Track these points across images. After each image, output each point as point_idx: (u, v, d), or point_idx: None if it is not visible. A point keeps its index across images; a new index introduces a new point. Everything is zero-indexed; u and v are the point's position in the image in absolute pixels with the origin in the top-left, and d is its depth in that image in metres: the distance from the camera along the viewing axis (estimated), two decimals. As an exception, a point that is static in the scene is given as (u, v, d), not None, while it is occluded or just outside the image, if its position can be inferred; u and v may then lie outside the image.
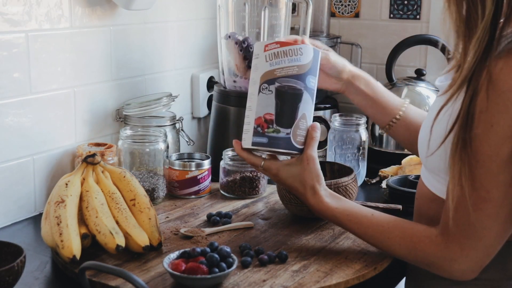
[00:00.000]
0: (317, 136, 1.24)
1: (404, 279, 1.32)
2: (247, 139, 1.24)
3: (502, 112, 0.98)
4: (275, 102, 1.22)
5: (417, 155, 1.36)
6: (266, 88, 1.22)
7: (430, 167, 1.16)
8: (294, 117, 1.22)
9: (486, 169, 1.01)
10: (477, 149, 1.01)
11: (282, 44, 1.23)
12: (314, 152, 1.23)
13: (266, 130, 1.22)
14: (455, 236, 1.06)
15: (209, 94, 1.95)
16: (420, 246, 1.11)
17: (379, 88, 1.41)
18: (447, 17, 1.04)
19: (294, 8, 2.24)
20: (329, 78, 1.38)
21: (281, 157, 1.29)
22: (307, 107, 1.24)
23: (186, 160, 1.61)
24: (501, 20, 1.00)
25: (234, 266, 1.13)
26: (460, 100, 1.03)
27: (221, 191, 1.60)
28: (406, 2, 2.14)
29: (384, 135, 1.99)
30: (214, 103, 1.77)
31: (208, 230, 1.35)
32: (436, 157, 1.10)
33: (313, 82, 1.25)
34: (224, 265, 1.11)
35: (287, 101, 1.22)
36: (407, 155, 1.86)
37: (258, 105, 1.23)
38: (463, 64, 1.02)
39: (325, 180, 1.26)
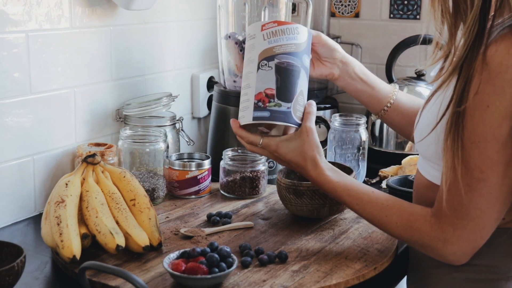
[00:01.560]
0: (314, 111, 1.26)
1: (404, 279, 1.32)
2: (247, 115, 1.25)
3: (498, 94, 1.00)
4: (276, 77, 1.24)
5: (411, 140, 1.40)
6: (266, 64, 1.25)
7: (424, 154, 1.18)
8: (293, 92, 1.25)
9: (481, 150, 1.02)
10: (473, 130, 1.02)
11: (280, 23, 1.27)
12: (312, 124, 1.25)
13: (267, 104, 1.24)
14: (448, 217, 1.08)
15: (209, 94, 1.95)
16: (416, 225, 1.12)
17: (372, 75, 1.43)
18: (432, 8, 1.07)
19: (294, 8, 2.24)
20: (322, 61, 1.39)
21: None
22: (303, 84, 1.27)
23: (186, 160, 1.61)
24: (492, 13, 1.03)
25: (234, 266, 1.13)
26: (451, 87, 1.05)
27: (221, 191, 1.60)
28: (406, 2, 2.15)
29: (384, 135, 1.99)
30: (214, 103, 1.77)
31: (208, 230, 1.35)
32: (429, 143, 1.12)
33: (307, 61, 1.29)
34: (224, 265, 1.11)
35: (287, 76, 1.25)
36: (407, 155, 1.86)
37: (258, 81, 1.25)
38: (453, 52, 1.05)
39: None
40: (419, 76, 2.02)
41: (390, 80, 2.02)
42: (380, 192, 1.21)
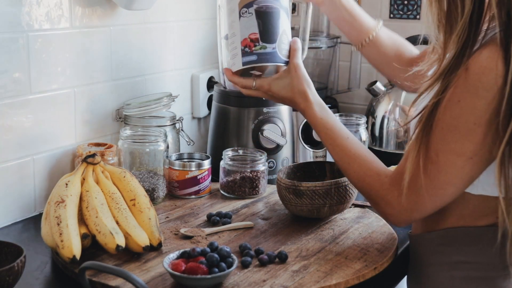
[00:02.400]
0: (299, 47, 1.34)
1: (404, 279, 1.32)
2: (237, 62, 1.33)
3: (471, 92, 1.05)
4: (257, 22, 1.32)
5: (386, 75, 1.57)
6: (246, 11, 1.32)
7: None
8: (276, 33, 1.32)
9: (442, 135, 1.09)
10: (440, 118, 1.09)
11: None
12: (299, 60, 1.33)
13: (253, 48, 1.32)
14: (397, 183, 1.15)
15: (209, 94, 1.95)
16: (369, 180, 1.21)
17: (357, 7, 1.49)
18: (429, 14, 1.12)
19: (294, 8, 2.24)
20: None
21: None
22: (285, 23, 1.34)
23: (186, 160, 1.61)
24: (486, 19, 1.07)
25: (234, 266, 1.13)
26: (433, 91, 1.11)
27: (221, 191, 1.60)
28: (406, 2, 2.14)
29: (384, 135, 1.99)
30: (214, 103, 1.77)
31: (208, 230, 1.35)
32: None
33: (286, 2, 1.35)
34: (224, 265, 1.11)
35: (267, 19, 1.32)
36: (407, 155, 1.86)
37: (242, 28, 1.32)
38: (443, 58, 1.09)
39: (325, 180, 1.27)
40: (419, 76, 2.02)
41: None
42: (356, 141, 1.28)
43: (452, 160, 1.08)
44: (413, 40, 2.00)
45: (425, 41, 1.89)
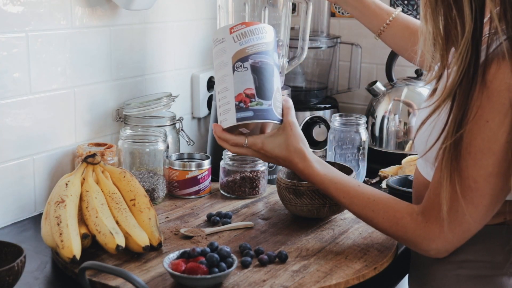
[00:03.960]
0: (292, 105, 1.30)
1: (404, 279, 1.32)
2: (230, 118, 1.27)
3: (498, 110, 1.02)
4: (253, 77, 1.27)
5: (409, 60, 1.54)
6: (241, 66, 1.27)
7: (420, 153, 1.20)
8: (272, 89, 1.28)
9: (476, 161, 1.05)
10: (470, 142, 1.05)
11: (247, 24, 1.29)
12: (294, 118, 1.28)
13: (249, 104, 1.26)
14: (434, 218, 1.11)
15: (209, 94, 1.95)
16: (402, 222, 1.15)
17: None
18: (424, 32, 1.09)
19: (294, 8, 2.24)
20: None
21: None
22: (278, 81, 1.31)
23: (186, 160, 1.61)
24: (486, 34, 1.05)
25: (234, 266, 1.13)
26: (445, 111, 1.07)
27: (221, 191, 1.60)
28: (406, 2, 2.14)
29: (384, 135, 1.99)
30: (214, 103, 1.77)
31: (208, 230, 1.35)
32: (423, 145, 1.15)
33: (277, 58, 1.32)
34: (224, 265, 1.11)
35: (263, 75, 1.27)
36: (407, 155, 1.86)
37: (236, 83, 1.27)
38: (445, 76, 1.06)
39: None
40: (419, 76, 2.02)
41: (390, 80, 2.02)
42: (366, 186, 1.24)
43: (494, 183, 1.06)
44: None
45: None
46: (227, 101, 1.27)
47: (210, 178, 1.60)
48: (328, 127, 1.89)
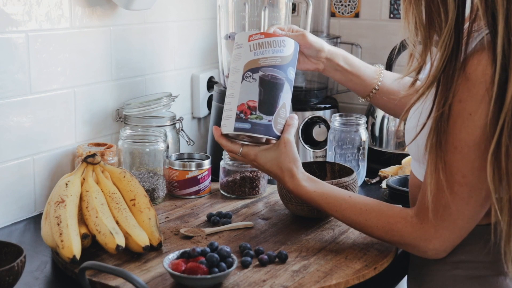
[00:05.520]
0: (295, 124, 1.29)
1: (404, 279, 1.32)
2: (229, 125, 1.27)
3: (480, 102, 1.03)
4: (259, 90, 1.26)
5: (398, 117, 1.49)
6: (250, 76, 1.26)
7: (414, 156, 1.20)
8: (276, 105, 1.27)
9: (463, 155, 1.06)
10: (455, 136, 1.06)
11: (267, 35, 1.28)
12: (291, 136, 1.27)
13: (249, 116, 1.26)
14: (430, 217, 1.11)
15: (209, 94, 1.95)
16: (397, 227, 1.16)
17: (356, 62, 1.46)
18: (408, 20, 1.10)
19: (294, 8, 2.24)
20: (308, 58, 1.41)
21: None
22: (287, 97, 1.29)
23: (186, 160, 1.61)
24: (467, 24, 1.06)
25: (234, 266, 1.13)
26: (429, 98, 1.08)
27: (221, 191, 1.60)
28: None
29: (384, 135, 1.99)
30: (214, 103, 1.77)
31: (208, 230, 1.35)
32: (414, 146, 1.16)
33: (292, 74, 1.30)
34: (224, 265, 1.11)
35: (270, 90, 1.26)
36: (407, 155, 1.86)
37: (241, 92, 1.27)
38: (429, 64, 1.07)
39: (325, 180, 1.26)
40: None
41: (390, 80, 2.02)
42: (358, 196, 1.24)
43: (483, 176, 1.05)
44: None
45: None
46: (230, 108, 1.28)
47: (210, 178, 1.60)
48: (328, 127, 1.89)
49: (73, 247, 1.15)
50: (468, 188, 1.07)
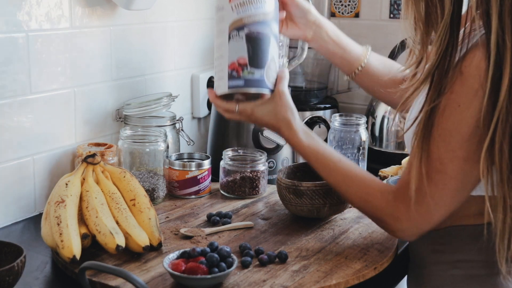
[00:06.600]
0: (287, 76, 1.31)
1: (404, 279, 1.32)
2: (222, 85, 1.29)
3: (470, 95, 1.04)
4: (247, 47, 1.28)
5: (381, 99, 1.52)
6: (236, 35, 1.28)
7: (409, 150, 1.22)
8: (265, 60, 1.29)
9: (445, 143, 1.08)
10: (441, 125, 1.08)
11: None
12: (285, 88, 1.30)
13: (241, 73, 1.28)
14: (403, 197, 1.13)
15: (209, 94, 1.95)
16: (373, 199, 1.19)
17: (344, 37, 1.46)
18: (406, 16, 1.13)
19: (294, 8, 2.23)
20: (296, 23, 1.42)
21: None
22: (274, 51, 1.31)
23: (186, 160, 1.61)
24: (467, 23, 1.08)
25: (234, 266, 1.13)
26: (423, 93, 1.10)
27: (221, 191, 1.60)
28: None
29: (384, 135, 1.99)
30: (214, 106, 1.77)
31: (208, 230, 1.35)
32: (408, 139, 1.18)
33: (276, 28, 1.32)
34: (224, 265, 1.11)
35: (257, 45, 1.28)
36: (407, 155, 1.86)
37: (230, 51, 1.29)
38: (425, 59, 1.10)
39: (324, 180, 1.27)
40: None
41: (390, 80, 2.02)
42: (348, 162, 1.26)
43: (460, 166, 1.07)
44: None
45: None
46: (221, 69, 1.30)
47: (210, 178, 1.60)
48: (328, 127, 1.89)
49: (73, 247, 1.15)
50: (445, 177, 1.09)
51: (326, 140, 1.80)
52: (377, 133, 2.00)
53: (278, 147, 1.71)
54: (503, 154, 1.03)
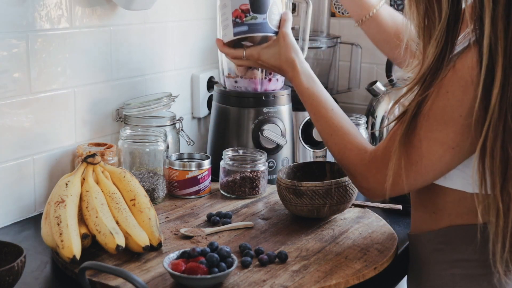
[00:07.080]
0: (290, 18, 1.38)
1: (404, 279, 1.32)
2: (228, 33, 1.36)
3: (459, 85, 1.06)
4: None
5: (385, 53, 1.56)
6: None
7: None
8: (267, 4, 1.35)
9: (428, 124, 1.10)
10: (429, 106, 1.10)
11: None
12: (288, 29, 1.36)
13: (244, 19, 1.34)
14: (378, 161, 1.18)
15: (209, 94, 1.95)
16: (349, 153, 1.24)
17: None
18: (409, 19, 1.14)
19: (294, 8, 2.23)
20: None
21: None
22: None
23: (186, 160, 1.61)
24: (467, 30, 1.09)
25: (234, 266, 1.13)
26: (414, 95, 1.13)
27: (221, 191, 1.60)
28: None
29: (384, 135, 1.98)
30: (214, 103, 1.77)
31: (208, 230, 1.35)
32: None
33: None
34: (224, 265, 1.11)
35: None
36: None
37: (233, 0, 1.35)
38: (421, 62, 1.12)
39: (325, 180, 1.27)
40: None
41: (390, 80, 2.02)
42: (341, 114, 1.29)
43: (435, 148, 1.10)
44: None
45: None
46: (226, 17, 1.36)
47: (210, 178, 1.60)
48: (328, 127, 1.89)
49: (73, 247, 1.15)
50: (417, 154, 1.11)
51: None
52: (377, 133, 2.00)
53: (278, 147, 1.71)
54: (494, 158, 1.05)
